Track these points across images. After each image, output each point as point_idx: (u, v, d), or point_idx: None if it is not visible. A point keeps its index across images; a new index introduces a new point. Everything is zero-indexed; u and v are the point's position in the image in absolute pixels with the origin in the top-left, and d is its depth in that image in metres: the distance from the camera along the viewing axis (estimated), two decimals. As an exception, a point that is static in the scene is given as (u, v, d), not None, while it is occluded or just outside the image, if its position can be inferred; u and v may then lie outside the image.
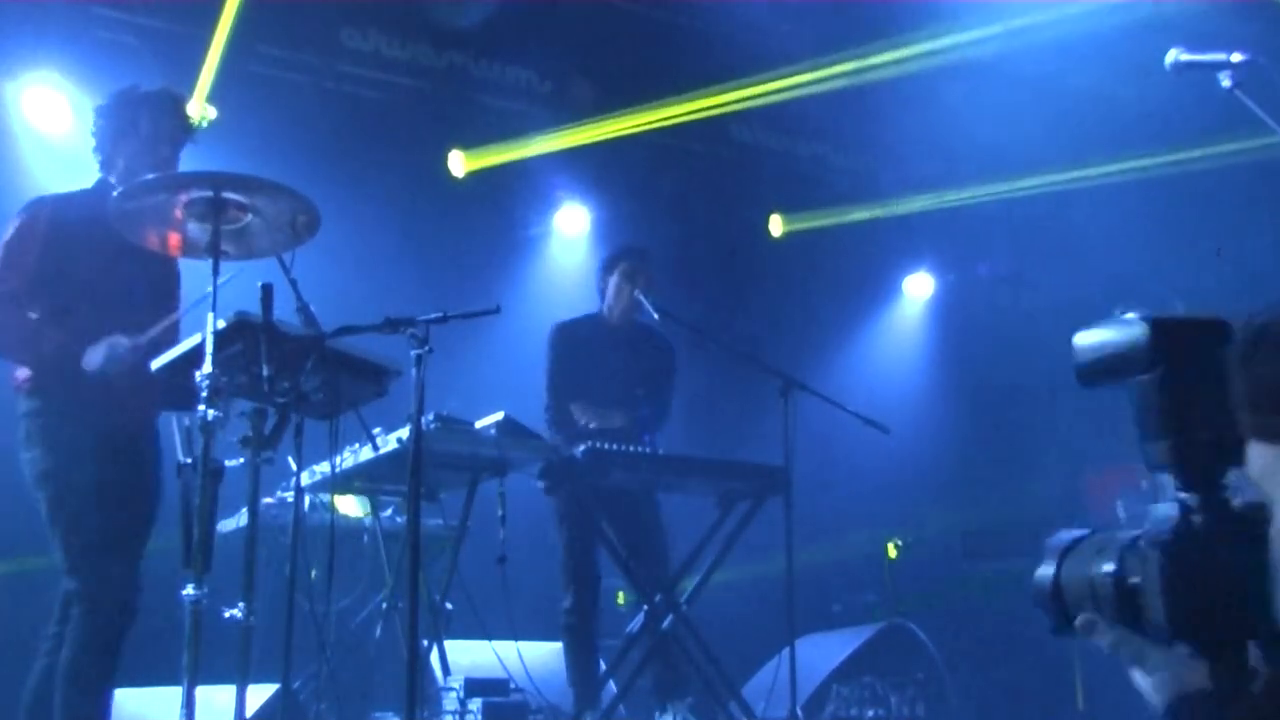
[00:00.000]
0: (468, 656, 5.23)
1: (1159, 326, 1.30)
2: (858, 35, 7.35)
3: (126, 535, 3.88)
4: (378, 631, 5.06)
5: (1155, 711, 1.32)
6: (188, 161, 4.26)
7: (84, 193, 4.11)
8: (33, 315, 3.88)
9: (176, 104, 4.20)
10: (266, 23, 6.55)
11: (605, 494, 5.00)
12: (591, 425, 5.24)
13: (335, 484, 4.66)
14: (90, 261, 3.90)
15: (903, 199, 8.21)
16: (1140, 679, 1.34)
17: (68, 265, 3.90)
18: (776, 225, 8.34)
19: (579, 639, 5.21)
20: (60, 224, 3.93)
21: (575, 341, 5.57)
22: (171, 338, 4.06)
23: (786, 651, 4.78)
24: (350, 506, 5.71)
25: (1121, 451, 5.38)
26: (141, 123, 4.05)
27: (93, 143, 4.14)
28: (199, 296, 3.74)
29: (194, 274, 4.08)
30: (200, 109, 5.99)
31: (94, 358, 3.79)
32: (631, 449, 4.85)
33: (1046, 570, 1.40)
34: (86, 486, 3.80)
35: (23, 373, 3.90)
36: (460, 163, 7.27)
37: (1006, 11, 6.92)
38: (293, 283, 3.80)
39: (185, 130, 4.18)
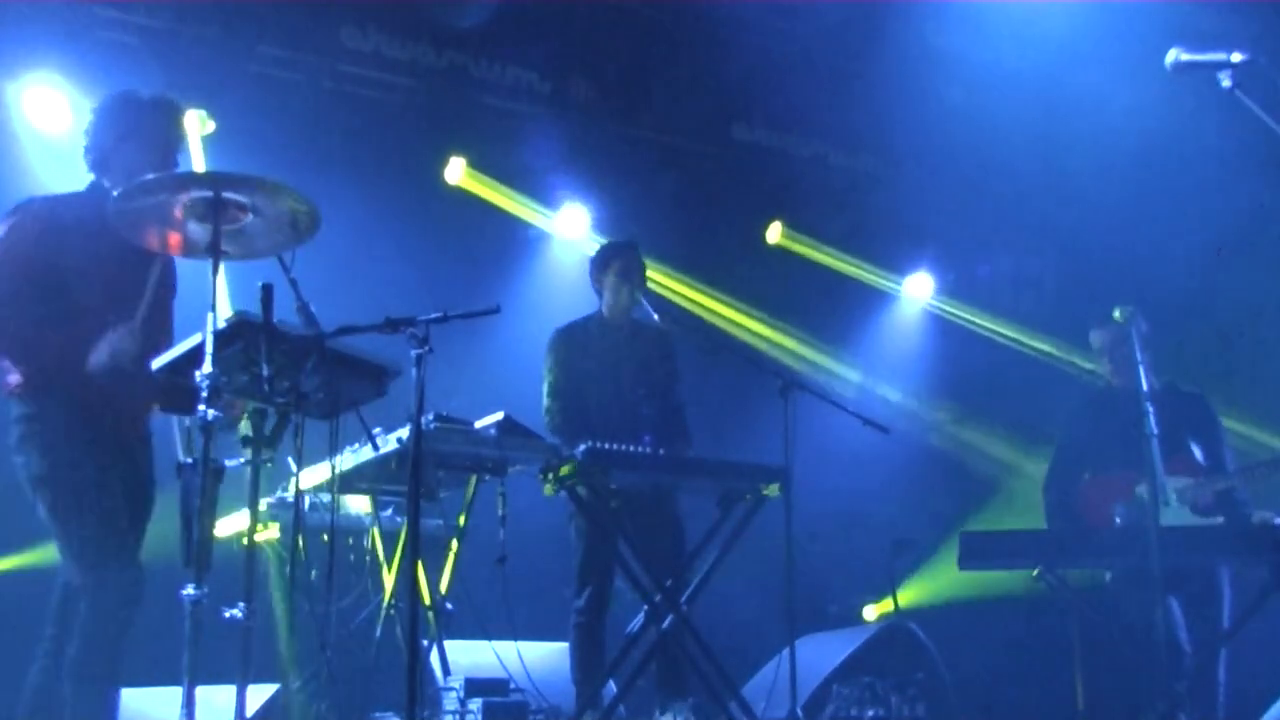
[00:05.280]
0: (468, 656, 5.23)
1: None
2: (858, 35, 7.37)
3: (126, 530, 3.88)
4: (378, 631, 5.06)
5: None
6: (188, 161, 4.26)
7: (74, 195, 4.09)
8: (27, 318, 3.86)
9: (179, 112, 4.19)
10: (267, 23, 6.55)
11: (619, 495, 4.99)
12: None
13: (335, 484, 4.66)
14: (80, 263, 3.89)
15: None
16: None
17: (57, 267, 3.88)
18: (774, 232, 8.35)
19: (589, 638, 5.21)
20: (49, 226, 3.91)
21: (574, 345, 5.57)
22: (163, 327, 4.06)
23: (787, 651, 4.77)
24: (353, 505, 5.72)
25: (1120, 454, 5.38)
26: (146, 129, 4.04)
27: (85, 141, 4.10)
28: (194, 296, 3.74)
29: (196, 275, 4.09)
30: (198, 116, 5.99)
31: (100, 356, 3.78)
32: (631, 449, 4.85)
33: None
34: (84, 487, 3.80)
35: (14, 377, 3.88)
36: (459, 173, 7.31)
37: (1006, 11, 6.93)
38: (293, 283, 3.81)
39: (183, 138, 4.18)
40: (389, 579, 5.14)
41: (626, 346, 5.61)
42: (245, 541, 3.57)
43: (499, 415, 4.81)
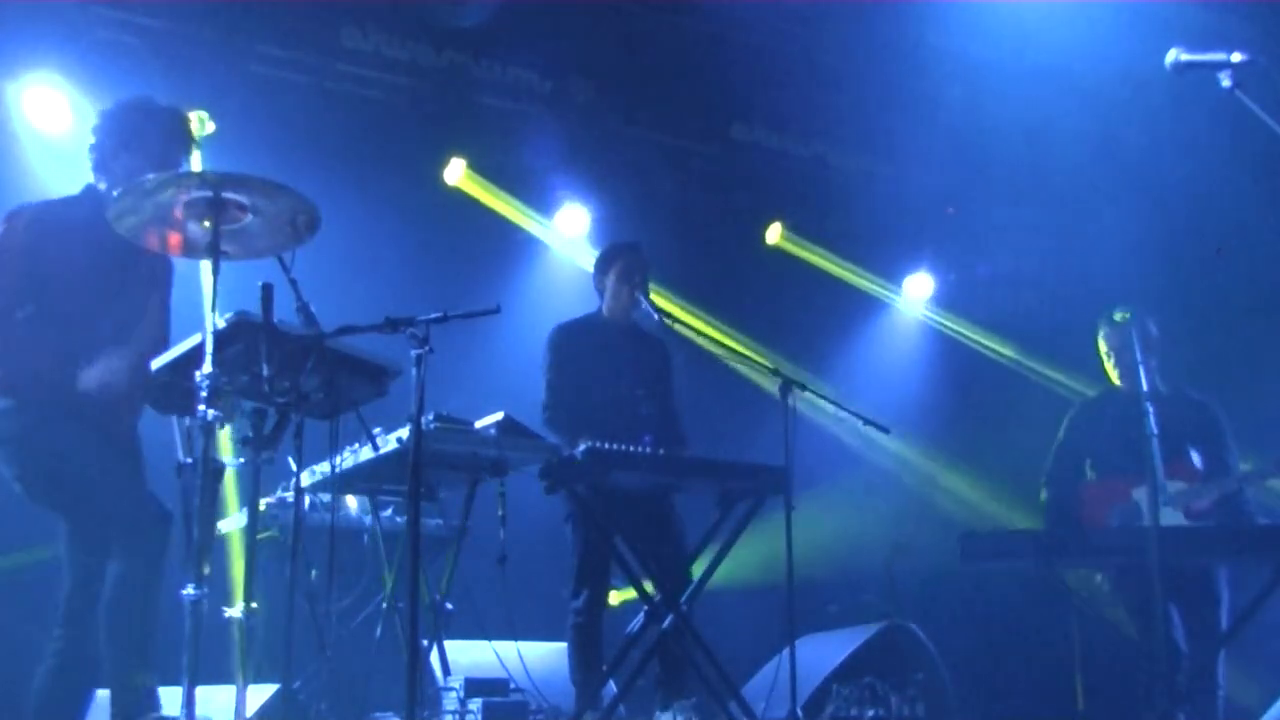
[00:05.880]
0: (468, 656, 5.23)
1: None
2: (858, 36, 7.36)
3: (135, 482, 3.90)
4: (378, 631, 5.06)
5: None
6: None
7: (67, 199, 4.10)
8: (16, 327, 3.84)
9: (184, 123, 4.20)
10: (267, 23, 6.55)
11: (616, 494, 4.99)
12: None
13: (335, 484, 4.66)
14: (70, 267, 3.89)
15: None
16: None
17: (47, 271, 3.88)
18: (774, 233, 8.35)
19: (587, 639, 5.20)
20: (39, 231, 3.91)
21: (574, 343, 5.57)
22: (160, 327, 4.06)
23: (786, 651, 4.77)
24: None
25: (1120, 456, 5.38)
26: (152, 139, 4.04)
27: (91, 139, 4.11)
28: (195, 297, 3.73)
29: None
30: (198, 118, 5.99)
31: (89, 380, 3.78)
32: (631, 449, 4.85)
33: None
34: (80, 465, 3.81)
35: None
36: (458, 175, 7.33)
37: (1006, 11, 6.93)
38: (293, 283, 3.81)
39: (189, 149, 4.19)
40: (389, 579, 5.13)
41: (626, 347, 5.61)
42: (245, 541, 3.58)
43: (499, 415, 4.81)
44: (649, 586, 5.04)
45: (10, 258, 3.88)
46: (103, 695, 3.86)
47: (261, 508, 4.26)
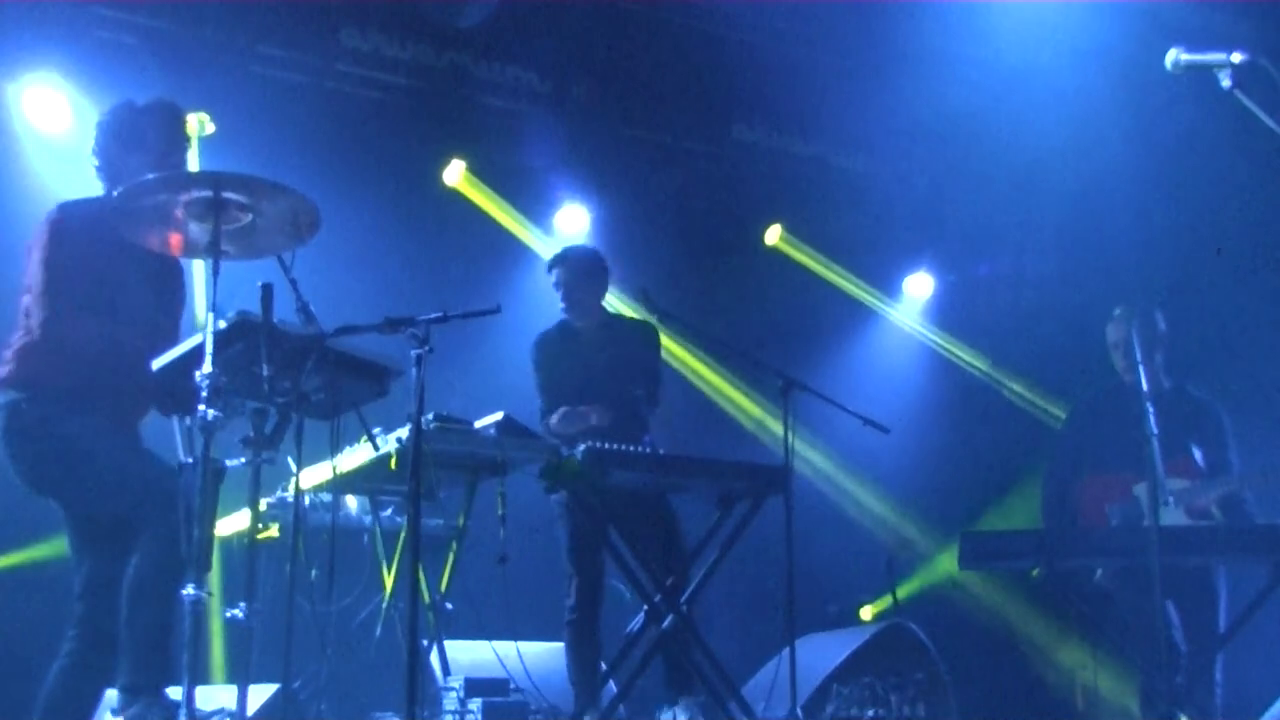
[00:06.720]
0: (468, 656, 5.23)
1: None
2: (858, 35, 7.37)
3: (147, 470, 3.86)
4: (378, 631, 5.06)
5: None
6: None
7: (91, 200, 4.08)
8: (38, 323, 3.83)
9: (178, 113, 4.19)
10: (267, 23, 6.56)
11: (611, 494, 4.98)
12: (574, 430, 5.19)
13: (335, 484, 4.66)
14: (94, 268, 3.87)
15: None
16: None
17: (71, 272, 3.85)
18: (773, 234, 8.35)
19: (582, 638, 5.20)
20: (65, 231, 3.90)
21: (555, 349, 5.55)
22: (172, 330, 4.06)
23: (786, 651, 4.77)
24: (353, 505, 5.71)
25: (1121, 452, 5.37)
26: (149, 134, 4.03)
27: (96, 162, 4.08)
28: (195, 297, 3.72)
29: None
30: (198, 119, 5.99)
31: None
32: (631, 449, 4.85)
33: None
34: (91, 464, 3.79)
35: (3, 369, 3.86)
36: (457, 177, 7.34)
37: (1009, 11, 6.93)
38: (293, 283, 3.81)
39: (187, 139, 4.19)
40: (389, 579, 5.14)
41: (605, 343, 5.56)
42: (245, 541, 3.57)
43: (499, 415, 4.81)
44: (649, 586, 5.03)
45: (67, 250, 3.85)
46: (111, 694, 3.86)
47: (262, 508, 4.27)
